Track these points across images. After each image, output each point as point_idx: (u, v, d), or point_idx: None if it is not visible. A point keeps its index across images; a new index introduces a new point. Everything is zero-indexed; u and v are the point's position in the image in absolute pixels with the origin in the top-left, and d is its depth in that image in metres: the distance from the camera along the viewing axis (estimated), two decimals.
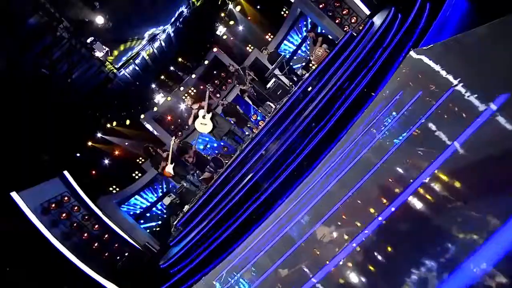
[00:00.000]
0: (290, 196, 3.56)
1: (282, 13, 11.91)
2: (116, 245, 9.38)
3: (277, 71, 8.86)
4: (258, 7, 12.80)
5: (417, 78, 3.86)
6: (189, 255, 4.77)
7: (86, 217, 9.53)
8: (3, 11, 5.63)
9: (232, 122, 7.12)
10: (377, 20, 6.65)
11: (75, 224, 9.05)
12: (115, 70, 9.43)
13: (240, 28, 13.19)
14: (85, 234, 9.01)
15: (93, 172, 11.93)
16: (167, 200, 8.55)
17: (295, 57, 12.16)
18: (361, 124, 3.75)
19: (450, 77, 2.85)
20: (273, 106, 7.80)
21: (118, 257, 8.67)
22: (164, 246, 7.54)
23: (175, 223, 7.15)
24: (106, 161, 12.32)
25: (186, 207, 6.64)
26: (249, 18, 13.01)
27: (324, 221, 3.05)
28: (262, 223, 3.66)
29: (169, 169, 7.29)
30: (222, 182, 5.43)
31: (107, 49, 6.68)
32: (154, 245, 8.41)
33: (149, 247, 7.95)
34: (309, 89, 5.69)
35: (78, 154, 11.68)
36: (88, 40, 6.56)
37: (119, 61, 9.48)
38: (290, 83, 11.90)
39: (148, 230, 9.66)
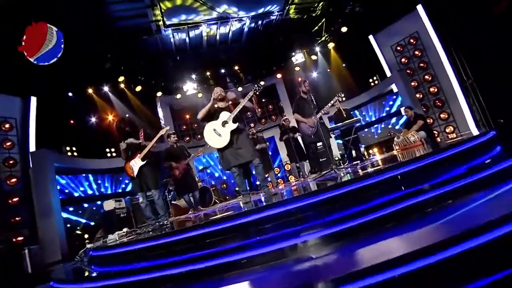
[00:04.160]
0: None
1: (371, 80, 9.89)
2: (18, 219, 6.51)
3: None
4: (344, 65, 11.06)
5: None
6: None
7: (11, 162, 6.92)
8: None
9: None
10: None
11: None
12: (161, 23, 7.32)
13: (316, 72, 11.35)
14: None
15: (72, 121, 9.55)
16: (109, 205, 5.71)
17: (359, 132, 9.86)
18: None
19: None
20: (321, 171, 5.33)
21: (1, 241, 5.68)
22: (44, 273, 4.40)
23: (89, 245, 4.30)
24: (93, 119, 9.96)
25: (114, 237, 3.83)
26: (328, 68, 11.22)
27: None
28: None
29: (135, 165, 4.63)
30: (192, 241, 2.71)
31: None
32: (45, 258, 5.24)
33: (26, 261, 4.80)
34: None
35: (70, 94, 9.48)
36: None
37: (174, 16, 7.26)
38: (339, 159, 9.47)
39: (69, 225, 6.70)
